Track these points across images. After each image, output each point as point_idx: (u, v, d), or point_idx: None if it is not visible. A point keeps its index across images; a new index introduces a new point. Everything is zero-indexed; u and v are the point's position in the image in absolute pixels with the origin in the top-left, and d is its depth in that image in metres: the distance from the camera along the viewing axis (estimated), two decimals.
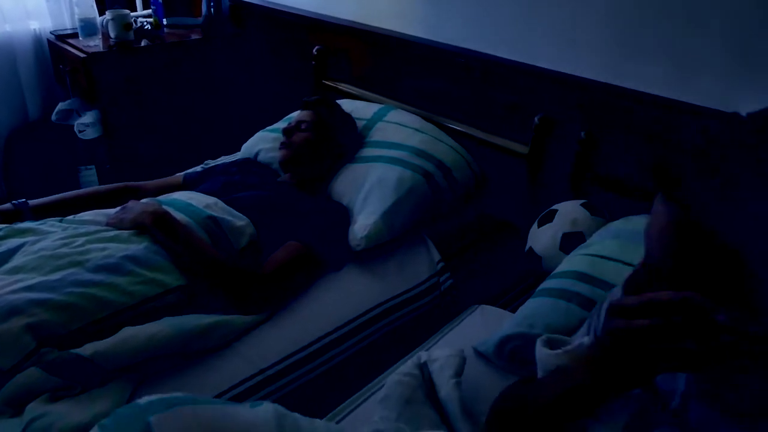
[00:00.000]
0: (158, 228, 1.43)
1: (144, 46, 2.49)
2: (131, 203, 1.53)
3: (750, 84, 1.36)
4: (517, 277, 1.68)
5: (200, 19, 2.68)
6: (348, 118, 1.91)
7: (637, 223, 1.44)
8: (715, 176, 0.63)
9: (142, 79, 2.47)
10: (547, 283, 1.37)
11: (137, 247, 1.38)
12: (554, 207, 1.61)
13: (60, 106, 2.48)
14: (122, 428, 0.83)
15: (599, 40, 1.57)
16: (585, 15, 1.58)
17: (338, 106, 1.94)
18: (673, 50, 1.44)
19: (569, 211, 1.57)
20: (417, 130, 1.87)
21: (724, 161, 0.63)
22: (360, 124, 1.95)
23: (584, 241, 1.49)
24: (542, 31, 1.68)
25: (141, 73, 2.47)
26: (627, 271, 1.26)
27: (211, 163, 2.07)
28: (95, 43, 2.45)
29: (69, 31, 2.62)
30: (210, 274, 1.41)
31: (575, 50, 1.62)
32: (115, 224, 1.48)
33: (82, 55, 2.33)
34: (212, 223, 1.50)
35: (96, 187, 1.79)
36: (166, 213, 1.47)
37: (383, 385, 1.25)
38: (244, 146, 2.10)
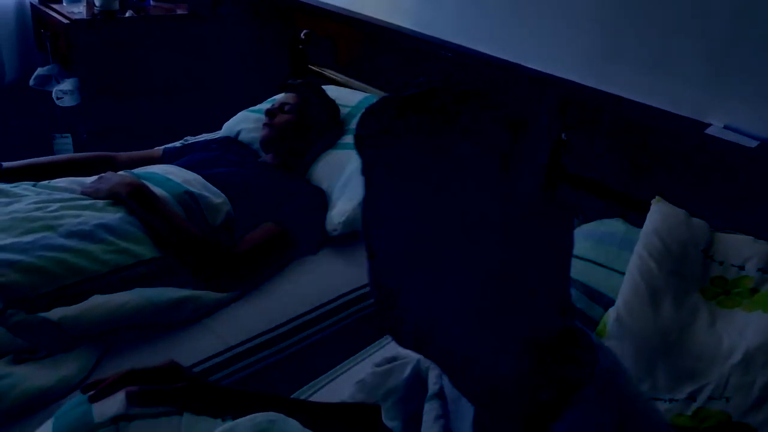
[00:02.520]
0: (134, 200, 1.41)
1: (129, 17, 2.45)
2: (108, 174, 1.51)
3: (720, 95, 1.41)
4: None
5: None
6: (331, 103, 1.90)
7: (609, 225, 1.47)
8: None
9: (125, 50, 2.43)
10: None
11: (112, 216, 1.37)
12: None
13: (39, 71, 2.42)
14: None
15: (584, 43, 1.60)
16: (572, 17, 1.61)
17: (322, 90, 1.94)
18: (652, 56, 1.48)
19: None
20: None
21: None
22: (343, 111, 1.95)
23: None
24: (529, 30, 1.71)
25: (124, 44, 2.43)
26: (601, 272, 1.30)
27: (191, 139, 2.05)
28: (79, 10, 2.40)
29: None
30: (183, 249, 1.40)
31: (560, 51, 1.65)
32: (91, 193, 1.46)
33: (65, 20, 2.28)
34: (189, 198, 1.49)
35: (72, 155, 1.77)
36: (143, 185, 1.45)
37: (348, 370, 1.26)
38: (226, 125, 2.09)
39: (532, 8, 1.70)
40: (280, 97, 1.90)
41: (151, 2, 2.66)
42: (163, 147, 1.91)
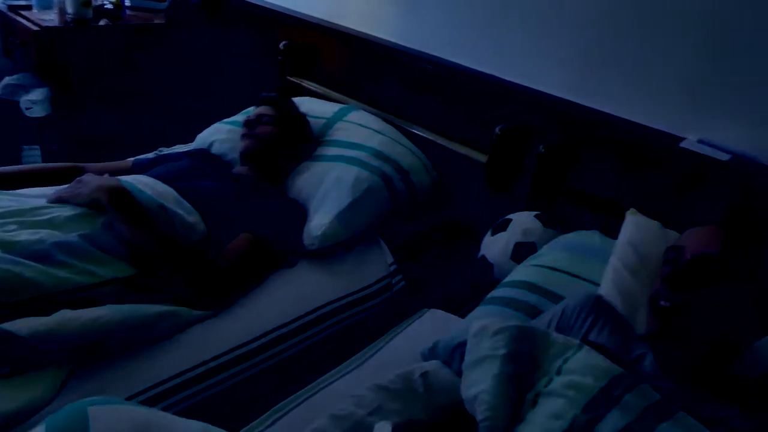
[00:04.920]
0: (115, 207, 1.37)
1: (103, 25, 2.41)
2: (87, 176, 1.46)
3: (696, 111, 1.44)
4: (469, 284, 1.69)
5: (165, 4, 2.62)
6: (302, 115, 1.89)
7: (587, 237, 1.48)
8: None
9: (98, 59, 2.39)
10: (497, 292, 1.38)
11: (70, 235, 1.30)
12: (509, 216, 1.63)
13: (6, 80, 2.36)
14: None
15: (567, 58, 1.62)
16: (552, 32, 1.63)
17: (294, 103, 1.92)
18: (632, 73, 1.51)
19: (523, 222, 1.60)
20: (376, 131, 1.87)
21: None
22: (320, 122, 1.94)
23: (536, 251, 1.52)
24: (511, 44, 1.72)
25: (97, 54, 2.39)
26: (575, 284, 1.31)
27: (165, 150, 2.02)
28: (50, 17, 2.35)
29: (23, 2, 2.51)
30: (170, 260, 1.35)
31: (544, 66, 1.67)
32: (70, 198, 1.41)
33: (35, 27, 2.23)
34: (164, 213, 1.45)
35: (41, 164, 1.72)
36: (125, 190, 1.41)
37: (327, 385, 1.24)
38: (199, 137, 2.05)
39: (512, 23, 1.72)
40: (254, 109, 1.87)
41: (128, 11, 2.63)
42: (133, 159, 1.86)
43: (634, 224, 1.34)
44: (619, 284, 1.23)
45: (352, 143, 1.82)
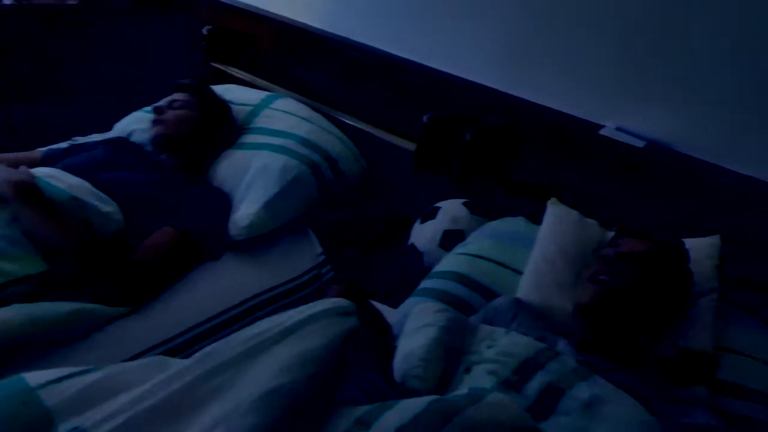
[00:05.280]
0: (23, 200, 1.28)
1: (9, 5, 2.25)
2: None
3: (615, 99, 1.48)
4: (399, 273, 1.69)
5: None
6: (222, 102, 1.83)
7: (513, 224, 1.51)
8: None
9: (3, 41, 2.22)
10: (428, 283, 1.39)
11: None
12: (438, 204, 1.64)
13: None
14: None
15: (496, 48, 1.63)
16: (478, 22, 1.64)
17: (212, 89, 1.86)
18: (556, 63, 1.54)
19: (451, 209, 1.61)
20: (304, 119, 1.84)
21: None
22: (245, 110, 1.88)
23: (464, 238, 1.53)
24: (442, 33, 1.72)
25: (2, 35, 2.22)
26: (502, 274, 1.35)
27: (80, 140, 1.91)
28: None
29: None
30: (83, 257, 1.28)
31: (473, 55, 1.67)
32: None
33: None
34: (76, 206, 1.37)
35: None
36: (33, 183, 1.32)
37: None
38: (117, 126, 1.96)
39: (442, 12, 1.71)
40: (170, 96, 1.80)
41: None
42: (45, 149, 1.75)
43: (555, 215, 1.38)
44: (538, 278, 1.29)
45: (278, 131, 1.78)
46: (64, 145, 1.82)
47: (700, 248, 1.25)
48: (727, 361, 1.16)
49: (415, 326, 1.12)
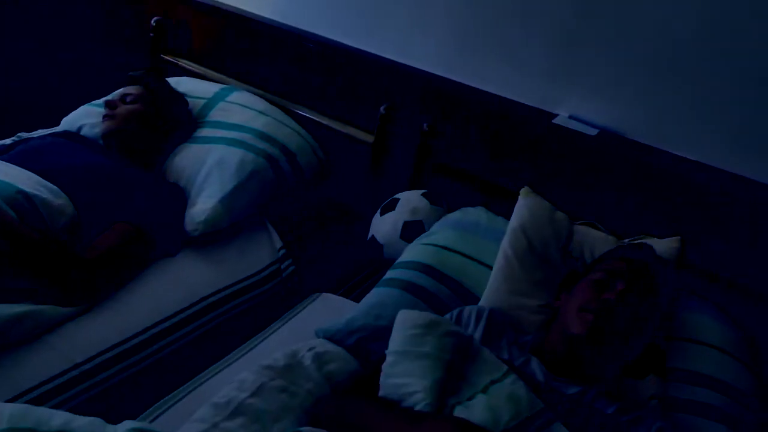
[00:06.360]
0: None
1: None
2: None
3: (566, 88, 1.52)
4: (358, 265, 1.69)
5: None
6: (177, 94, 1.78)
7: (474, 214, 1.51)
8: None
9: None
10: (393, 273, 1.37)
11: None
12: (397, 196, 1.64)
13: None
14: None
15: (443, 36, 1.64)
16: (434, 12, 1.64)
17: (166, 81, 1.81)
18: (503, 51, 1.56)
19: (410, 200, 1.61)
20: (261, 112, 1.81)
21: None
22: (200, 103, 1.84)
23: (424, 229, 1.53)
24: (390, 21, 1.72)
25: None
26: (467, 265, 1.34)
27: (25, 135, 1.83)
28: None
29: None
30: (23, 257, 1.23)
31: (422, 44, 1.68)
32: None
33: None
34: (23, 199, 1.31)
35: None
36: None
37: (212, 376, 1.19)
38: (65, 120, 1.88)
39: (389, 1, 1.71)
40: (121, 89, 1.74)
41: None
42: None
43: (526, 207, 1.36)
44: (508, 279, 1.27)
45: (235, 124, 1.75)
46: (8, 141, 1.74)
47: (661, 250, 1.25)
48: (678, 349, 1.20)
49: (418, 350, 1.01)
